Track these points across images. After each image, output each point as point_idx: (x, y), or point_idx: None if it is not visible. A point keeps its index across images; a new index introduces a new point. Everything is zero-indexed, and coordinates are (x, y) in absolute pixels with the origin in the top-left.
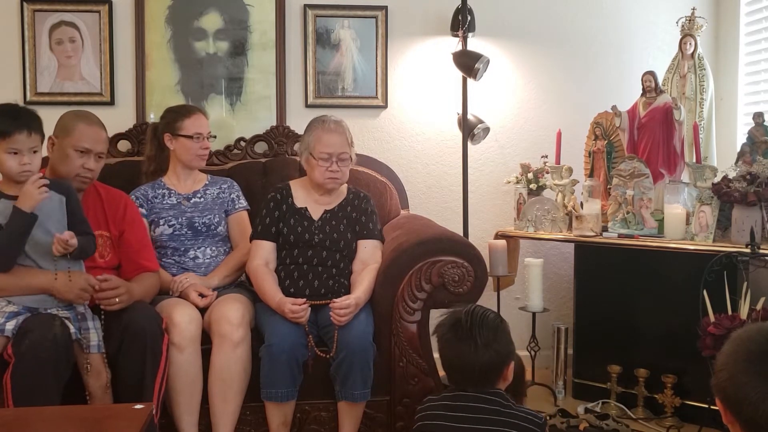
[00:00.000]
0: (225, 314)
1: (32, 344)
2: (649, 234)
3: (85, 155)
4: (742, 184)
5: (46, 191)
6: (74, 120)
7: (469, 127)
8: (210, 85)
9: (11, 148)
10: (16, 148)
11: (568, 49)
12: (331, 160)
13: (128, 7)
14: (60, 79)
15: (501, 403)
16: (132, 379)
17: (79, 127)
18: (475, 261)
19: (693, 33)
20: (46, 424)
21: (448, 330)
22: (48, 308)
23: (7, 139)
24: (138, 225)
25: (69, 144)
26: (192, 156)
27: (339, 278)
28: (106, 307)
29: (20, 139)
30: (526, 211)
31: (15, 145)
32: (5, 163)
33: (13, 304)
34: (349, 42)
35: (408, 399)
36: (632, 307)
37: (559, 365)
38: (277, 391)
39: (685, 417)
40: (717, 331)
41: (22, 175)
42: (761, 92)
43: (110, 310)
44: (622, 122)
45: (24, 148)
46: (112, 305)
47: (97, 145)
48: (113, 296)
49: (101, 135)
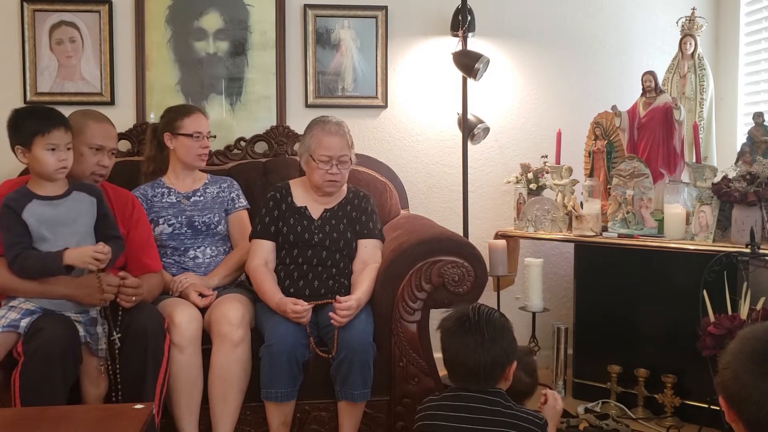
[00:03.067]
0: (225, 314)
1: (42, 343)
2: (649, 234)
3: (99, 152)
4: (742, 184)
5: (96, 265)
6: (84, 118)
7: (469, 127)
8: (210, 85)
9: (50, 144)
10: (54, 143)
11: (568, 49)
12: (331, 163)
13: (128, 7)
14: (60, 79)
15: (502, 403)
16: (133, 378)
17: (90, 125)
18: (475, 261)
19: (693, 33)
20: (47, 423)
21: (454, 323)
22: (65, 311)
23: (46, 135)
24: (143, 224)
25: (82, 142)
26: (192, 155)
27: (339, 278)
28: (124, 304)
29: (58, 135)
30: (526, 211)
31: (53, 140)
32: (44, 159)
33: (32, 303)
34: (349, 42)
35: (408, 399)
36: (632, 307)
37: (559, 365)
38: (277, 391)
39: (685, 417)
40: (717, 331)
41: (59, 171)
42: (761, 92)
43: (126, 307)
44: (622, 122)
45: (61, 143)
46: (129, 302)
47: (110, 141)
48: (133, 294)
49: (112, 131)
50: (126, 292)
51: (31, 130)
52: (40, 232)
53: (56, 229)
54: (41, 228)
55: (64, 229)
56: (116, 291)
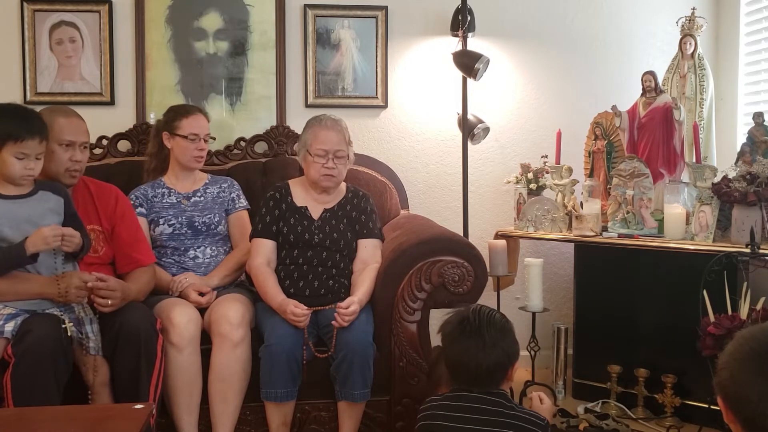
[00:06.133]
0: (225, 314)
1: (32, 344)
2: (649, 234)
3: (70, 148)
4: (742, 184)
5: (59, 241)
6: (51, 115)
7: (469, 127)
8: (210, 85)
9: (20, 153)
10: (25, 153)
11: (568, 49)
12: (327, 157)
13: (128, 7)
14: (60, 79)
15: (504, 404)
16: (127, 379)
17: (59, 122)
18: (475, 261)
19: (693, 33)
20: (47, 423)
21: (456, 327)
22: (46, 309)
23: (18, 143)
24: (129, 218)
25: (52, 139)
26: (188, 156)
27: (339, 278)
28: (98, 307)
29: (31, 145)
30: (526, 211)
31: (25, 150)
32: (10, 166)
33: (11, 307)
34: (349, 42)
35: (408, 399)
36: (632, 307)
37: (559, 365)
38: (276, 391)
39: (685, 417)
40: (717, 331)
41: (23, 179)
42: (761, 92)
43: (102, 311)
44: (622, 122)
45: (32, 153)
46: (103, 306)
47: (80, 135)
48: (106, 297)
49: (82, 125)
50: (99, 294)
51: (4, 135)
52: (2, 231)
53: (20, 227)
54: (3, 227)
55: (29, 228)
56: (88, 288)
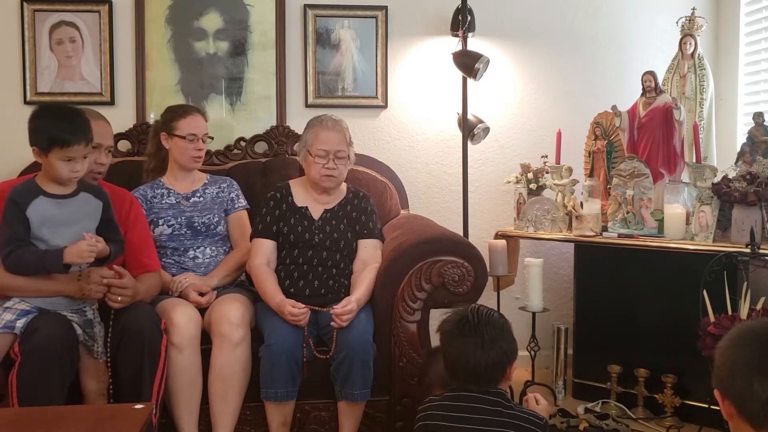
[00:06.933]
0: (225, 314)
1: (39, 343)
2: (649, 234)
3: (96, 150)
4: (742, 184)
5: (92, 258)
6: None
7: (469, 127)
8: (210, 85)
9: (67, 156)
10: (72, 156)
11: (568, 49)
12: (327, 158)
13: (128, 7)
14: (60, 79)
15: (503, 403)
16: (131, 379)
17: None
18: (475, 261)
19: (693, 33)
20: (47, 423)
21: (454, 326)
22: (60, 310)
23: (66, 148)
24: (141, 223)
25: None
26: (186, 157)
27: (339, 278)
28: (108, 302)
29: (78, 150)
30: (526, 211)
31: (71, 154)
32: (58, 169)
33: (26, 303)
34: (349, 42)
35: (408, 399)
36: (632, 307)
37: (559, 365)
38: (276, 391)
39: (685, 417)
40: (717, 331)
41: (71, 180)
42: (761, 92)
43: (111, 306)
44: (622, 122)
45: (79, 156)
46: (114, 302)
47: (106, 139)
48: (118, 294)
49: (108, 129)
50: (114, 291)
51: (51, 140)
52: (40, 232)
53: (57, 229)
54: (42, 227)
55: (65, 230)
56: (105, 285)
